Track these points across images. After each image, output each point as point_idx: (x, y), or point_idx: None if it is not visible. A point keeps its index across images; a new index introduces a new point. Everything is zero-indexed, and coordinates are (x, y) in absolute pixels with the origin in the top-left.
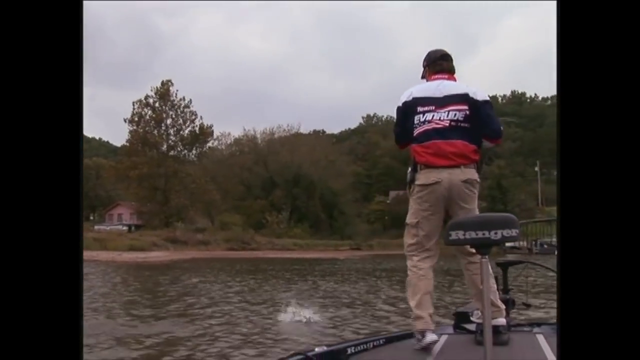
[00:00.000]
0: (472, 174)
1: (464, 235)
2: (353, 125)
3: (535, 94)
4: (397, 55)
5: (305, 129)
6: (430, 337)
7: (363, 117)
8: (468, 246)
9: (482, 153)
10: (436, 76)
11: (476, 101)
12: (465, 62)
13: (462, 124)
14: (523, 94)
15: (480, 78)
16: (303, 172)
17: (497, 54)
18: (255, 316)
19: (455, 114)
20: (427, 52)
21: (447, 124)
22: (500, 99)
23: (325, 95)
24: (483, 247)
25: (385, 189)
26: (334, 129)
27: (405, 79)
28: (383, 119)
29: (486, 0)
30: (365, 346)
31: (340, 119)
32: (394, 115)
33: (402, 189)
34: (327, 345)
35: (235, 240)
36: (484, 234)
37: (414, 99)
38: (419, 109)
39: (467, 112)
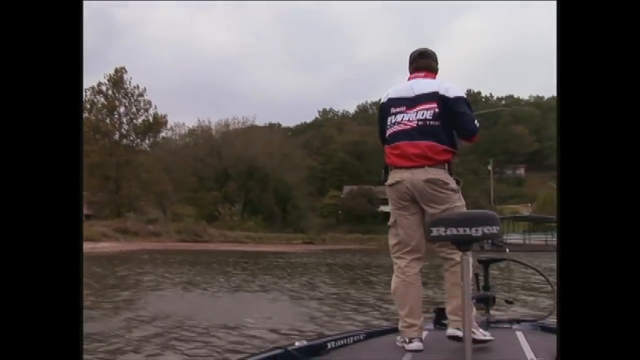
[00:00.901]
0: (437, 173)
1: (445, 231)
2: (309, 119)
3: (491, 94)
4: (355, 51)
5: (260, 122)
6: (416, 344)
7: (319, 111)
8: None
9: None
10: (413, 75)
11: (447, 98)
12: None
13: (431, 123)
14: (478, 93)
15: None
16: (257, 165)
17: (453, 53)
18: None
19: (423, 114)
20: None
21: (415, 125)
22: None
23: (282, 89)
24: (464, 243)
25: (339, 184)
26: (289, 122)
27: (362, 75)
28: (339, 113)
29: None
30: (345, 341)
31: (296, 113)
32: (350, 110)
33: (356, 184)
34: (308, 340)
35: (187, 232)
36: (465, 231)
37: (389, 99)
38: (392, 110)
39: (437, 110)
